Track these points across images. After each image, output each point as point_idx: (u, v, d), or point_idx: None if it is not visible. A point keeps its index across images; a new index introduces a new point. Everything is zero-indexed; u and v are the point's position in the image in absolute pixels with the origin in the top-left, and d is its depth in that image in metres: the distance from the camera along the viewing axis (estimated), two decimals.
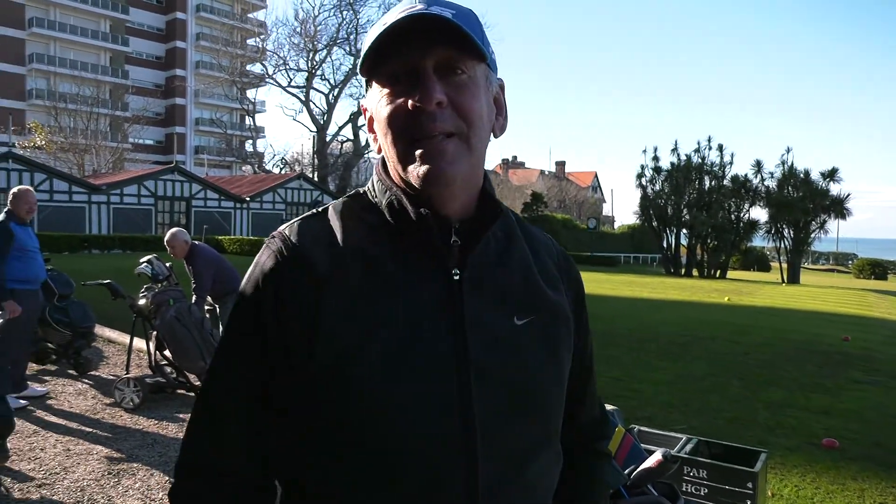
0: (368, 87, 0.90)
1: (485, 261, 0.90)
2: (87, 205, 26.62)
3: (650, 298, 16.25)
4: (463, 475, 0.82)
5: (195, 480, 0.89)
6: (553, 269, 0.99)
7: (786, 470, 4.31)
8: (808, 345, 9.39)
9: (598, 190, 79.28)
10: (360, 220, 0.90)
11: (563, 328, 0.96)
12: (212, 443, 0.89)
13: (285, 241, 0.89)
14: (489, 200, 0.92)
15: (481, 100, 0.87)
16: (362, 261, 0.86)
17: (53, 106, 41.73)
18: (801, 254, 33.53)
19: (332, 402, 0.82)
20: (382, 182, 0.92)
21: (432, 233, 0.86)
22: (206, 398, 0.91)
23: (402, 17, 0.81)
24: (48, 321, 6.12)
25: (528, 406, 0.89)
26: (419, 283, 0.86)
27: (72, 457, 4.25)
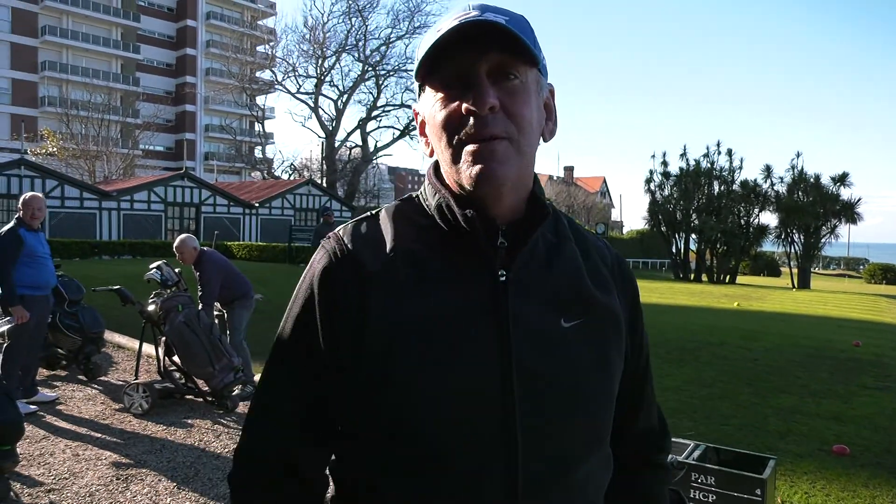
0: (421, 91, 0.92)
1: (532, 262, 0.92)
2: (97, 211, 26.82)
3: (659, 303, 16.17)
4: (503, 472, 0.84)
5: (253, 469, 0.95)
6: (605, 271, 1.00)
7: (796, 477, 4.27)
8: (818, 350, 9.31)
9: (607, 195, 79.09)
10: (411, 223, 0.93)
11: (614, 331, 0.96)
12: (270, 434, 0.94)
13: (339, 241, 0.93)
14: (537, 203, 0.93)
15: (532, 105, 0.89)
16: (411, 261, 0.89)
17: (65, 113, 42.08)
18: (812, 259, 33.24)
19: (377, 399, 0.86)
20: (433, 185, 0.95)
21: (479, 234, 0.88)
22: (265, 389, 0.96)
23: (456, 25, 0.83)
24: (59, 327, 6.17)
25: (574, 408, 0.89)
26: (466, 283, 0.88)
27: (81, 462, 4.28)
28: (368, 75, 38.44)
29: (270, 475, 0.93)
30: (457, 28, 0.83)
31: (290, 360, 0.93)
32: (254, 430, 0.96)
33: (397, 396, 0.84)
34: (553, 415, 0.87)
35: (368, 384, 0.86)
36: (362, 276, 0.88)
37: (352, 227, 0.95)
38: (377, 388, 0.85)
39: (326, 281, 0.90)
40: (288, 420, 0.93)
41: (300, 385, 0.92)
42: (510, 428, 0.84)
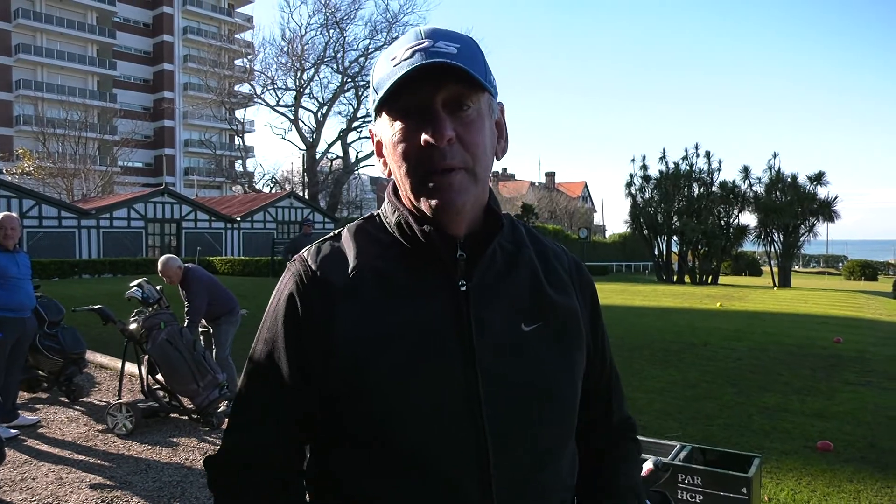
0: (378, 116, 0.95)
1: (491, 271, 0.96)
2: (76, 230, 26.48)
3: (642, 306, 16.28)
4: (476, 479, 0.87)
5: (232, 472, 0.97)
6: (563, 274, 1.04)
7: (781, 474, 4.32)
8: (800, 348, 9.42)
9: (589, 200, 79.55)
10: (373, 240, 0.98)
11: (574, 331, 1.01)
12: (247, 441, 0.97)
13: (304, 263, 0.97)
14: (493, 215, 0.98)
15: (485, 132, 0.93)
16: (374, 276, 0.93)
17: (41, 131, 41.58)
18: (792, 257, 33.65)
19: (348, 411, 0.89)
20: (392, 204, 0.99)
21: (438, 248, 0.92)
22: (242, 401, 0.99)
23: (416, 66, 0.86)
24: (39, 348, 6.08)
25: (541, 410, 0.93)
26: (428, 296, 0.92)
27: (64, 485, 4.21)
28: (348, 86, 38.45)
29: (255, 478, 0.95)
30: (415, 69, 0.86)
31: (264, 376, 0.96)
32: (231, 441, 0.98)
33: (368, 408, 0.87)
34: (520, 418, 0.91)
35: (340, 397, 0.90)
36: (329, 295, 0.92)
37: (315, 248, 0.99)
38: (348, 400, 0.89)
39: (295, 303, 0.94)
40: (267, 427, 0.95)
41: (276, 396, 0.95)
42: (479, 433, 0.87)
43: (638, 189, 34.28)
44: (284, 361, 0.93)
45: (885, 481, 4.22)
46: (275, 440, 0.95)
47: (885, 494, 4.01)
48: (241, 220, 31.32)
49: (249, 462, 0.96)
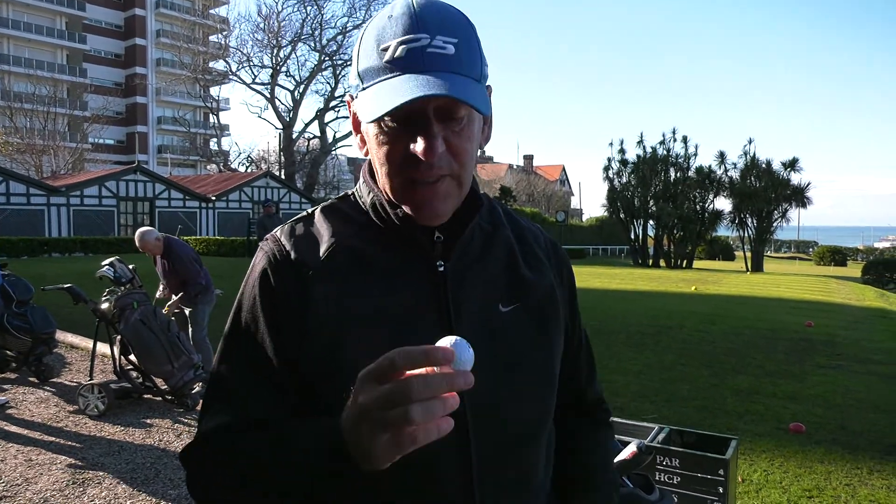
0: (360, 92, 0.88)
1: (468, 252, 0.95)
2: (45, 207, 25.91)
3: (619, 289, 16.44)
4: (456, 459, 0.86)
5: (210, 437, 0.89)
6: (540, 254, 1.03)
7: (755, 455, 4.39)
8: (773, 332, 9.59)
9: (567, 183, 79.91)
10: (348, 220, 0.95)
11: (552, 310, 0.99)
12: (227, 423, 0.89)
13: (277, 242, 0.94)
14: (472, 195, 0.95)
15: (475, 136, 0.89)
16: (351, 257, 0.91)
17: (8, 106, 40.42)
18: (765, 242, 34.21)
19: (327, 391, 0.85)
20: (367, 185, 0.96)
21: (415, 230, 0.90)
22: (217, 385, 0.93)
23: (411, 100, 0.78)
24: (7, 328, 5.93)
25: (521, 390, 0.92)
26: (406, 277, 0.90)
27: (34, 467, 4.12)
28: (325, 65, 37.98)
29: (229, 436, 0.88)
30: (416, 99, 0.78)
31: (240, 357, 0.92)
32: (212, 420, 0.90)
33: (345, 387, 0.80)
34: (500, 399, 0.89)
35: (317, 379, 0.87)
36: (304, 274, 0.89)
37: (288, 227, 0.96)
38: (326, 383, 0.86)
39: (269, 282, 0.90)
40: (247, 408, 0.89)
41: (253, 376, 0.90)
42: (460, 414, 0.83)
43: (615, 173, 34.53)
44: (261, 342, 0.89)
45: (854, 462, 4.31)
46: (255, 421, 0.89)
47: (854, 475, 4.09)
48: (216, 199, 30.91)
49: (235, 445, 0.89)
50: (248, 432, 0.85)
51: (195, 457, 0.90)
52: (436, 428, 0.64)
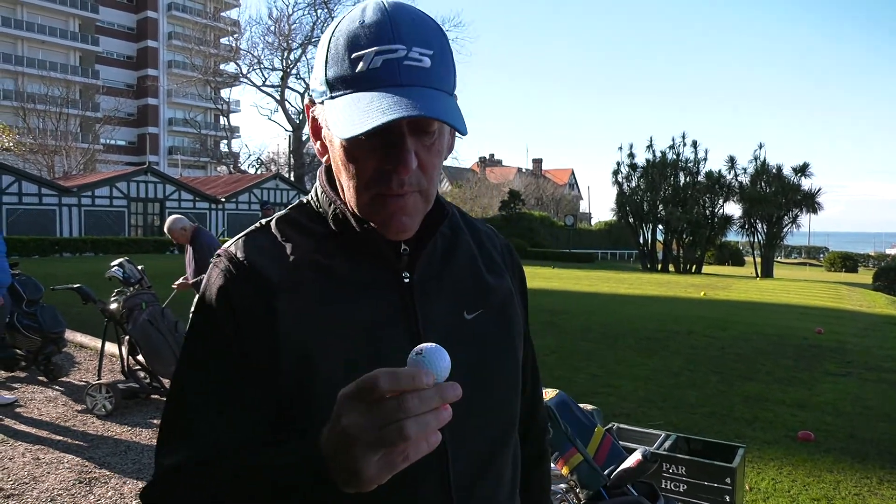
0: (326, 97, 0.83)
1: (433, 261, 0.93)
2: (57, 207, 26.11)
3: (627, 294, 16.37)
4: (436, 472, 0.85)
5: (173, 474, 0.82)
6: (497, 257, 1.02)
7: (763, 463, 4.35)
8: (782, 338, 9.52)
9: (576, 187, 79.71)
10: (308, 232, 0.91)
11: (513, 314, 0.99)
12: (186, 442, 0.83)
13: (231, 258, 0.87)
14: (437, 206, 0.92)
15: (442, 151, 0.87)
16: (315, 270, 0.86)
17: (22, 107, 40.83)
18: (775, 248, 34.04)
19: (297, 405, 0.82)
20: (327, 195, 0.92)
21: (379, 241, 0.87)
22: (174, 412, 0.87)
23: (390, 121, 0.74)
24: (17, 326, 5.97)
25: (490, 397, 0.91)
26: (373, 290, 0.87)
27: (41, 466, 4.15)
28: None
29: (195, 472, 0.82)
30: (395, 120, 0.74)
31: (202, 378, 0.85)
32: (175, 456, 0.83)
33: (318, 402, 0.79)
34: (472, 408, 0.86)
35: (289, 394, 0.82)
36: (265, 288, 0.84)
37: (243, 240, 0.90)
38: (298, 400, 0.82)
39: (228, 299, 0.84)
40: (207, 427, 0.83)
41: (216, 402, 0.83)
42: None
43: (624, 177, 34.45)
44: (224, 365, 0.83)
45: (864, 472, 4.26)
46: (219, 454, 0.80)
47: (864, 485, 4.05)
48: (225, 200, 31.06)
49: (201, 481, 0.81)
50: (215, 465, 0.78)
51: (160, 498, 0.83)
52: (426, 443, 0.62)
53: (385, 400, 0.62)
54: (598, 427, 2.09)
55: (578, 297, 15.14)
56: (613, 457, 2.02)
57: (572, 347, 8.31)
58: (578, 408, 2.11)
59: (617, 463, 1.97)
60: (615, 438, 2.12)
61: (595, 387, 6.23)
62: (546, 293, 15.68)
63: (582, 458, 1.89)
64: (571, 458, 1.90)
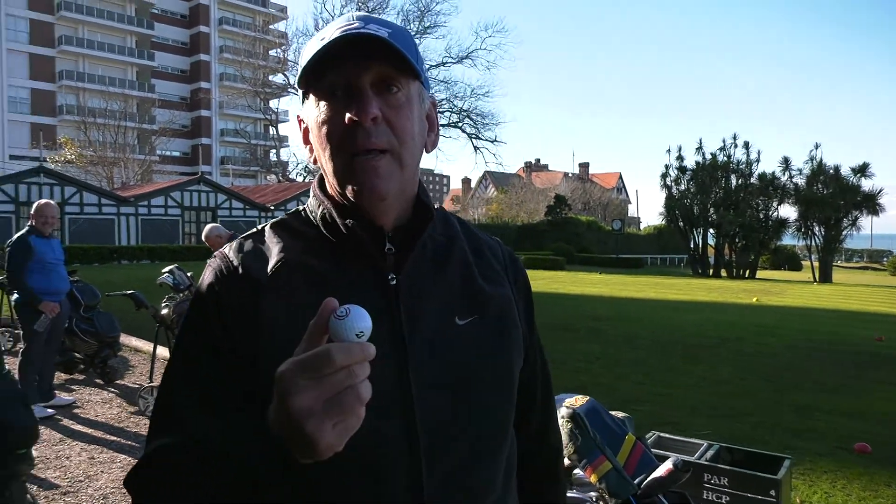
0: (305, 98, 0.92)
1: (421, 264, 0.93)
2: (116, 216, 27.13)
3: (676, 300, 16.03)
4: (407, 477, 0.83)
5: (155, 460, 0.84)
6: (497, 266, 1.02)
7: (815, 476, 4.19)
8: (838, 345, 9.17)
9: (623, 191, 78.62)
10: (298, 235, 0.94)
11: (510, 324, 0.97)
12: (172, 429, 0.85)
13: (224, 258, 0.92)
14: (423, 206, 0.95)
15: (413, 118, 0.90)
16: (301, 272, 0.88)
17: (83, 121, 42.68)
18: (833, 251, 32.80)
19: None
20: (316, 197, 0.95)
21: (365, 241, 0.89)
22: (162, 401, 0.89)
23: (339, 36, 0.84)
24: (75, 331, 6.24)
25: (475, 405, 0.90)
26: (357, 291, 0.87)
27: (96, 465, 4.31)
28: None
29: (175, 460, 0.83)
30: (341, 38, 0.83)
31: (188, 370, 0.88)
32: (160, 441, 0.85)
33: None
34: (455, 416, 0.87)
35: (267, 393, 0.80)
36: (252, 288, 0.87)
37: (237, 243, 0.94)
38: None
39: (217, 297, 0.88)
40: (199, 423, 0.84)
41: (199, 394, 0.86)
42: (412, 431, 0.83)
43: (673, 180, 33.79)
44: (209, 359, 0.86)
45: None
46: (198, 442, 0.82)
47: None
48: (274, 208, 31.71)
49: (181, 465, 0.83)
50: (193, 452, 0.80)
51: (139, 480, 0.85)
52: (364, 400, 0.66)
53: (341, 370, 0.64)
54: (630, 435, 2.06)
55: (625, 303, 14.90)
56: (644, 465, 1.99)
57: (617, 355, 8.18)
58: (609, 415, 2.09)
59: (647, 472, 1.93)
60: (647, 447, 2.08)
61: (640, 394, 6.12)
62: (592, 299, 15.49)
63: (611, 466, 1.86)
64: (600, 465, 1.87)
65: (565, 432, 1.95)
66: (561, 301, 14.42)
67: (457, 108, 35.53)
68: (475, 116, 35.80)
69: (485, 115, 35.49)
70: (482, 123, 35.58)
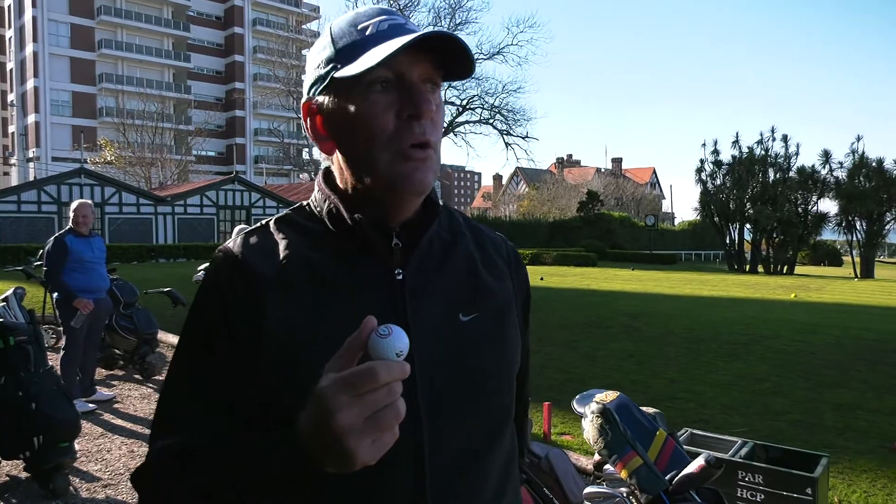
0: (325, 87, 0.89)
1: (427, 260, 0.93)
2: (153, 216, 27.75)
3: (711, 296, 15.75)
4: (411, 468, 0.85)
5: (161, 458, 0.86)
6: (501, 263, 1.03)
7: (854, 475, 4.09)
8: (880, 343, 8.90)
9: (657, 186, 77.55)
10: (303, 230, 0.93)
11: (510, 321, 0.98)
12: (176, 428, 0.87)
13: (228, 253, 0.92)
14: (429, 202, 0.95)
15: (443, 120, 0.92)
16: (306, 267, 0.89)
17: (122, 122, 43.74)
18: (876, 247, 31.85)
19: (281, 401, 0.83)
20: (322, 192, 0.95)
21: (372, 236, 0.89)
22: (166, 400, 0.91)
23: (424, 34, 0.81)
24: (115, 328, 6.41)
25: (478, 401, 0.91)
26: (363, 286, 0.88)
27: (136, 458, 4.43)
28: None
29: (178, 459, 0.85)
30: (427, 35, 0.81)
31: (194, 372, 0.89)
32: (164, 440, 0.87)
33: (302, 394, 0.79)
34: (457, 409, 0.88)
35: (271, 387, 0.84)
36: (257, 283, 0.87)
37: (241, 238, 0.94)
38: (281, 389, 0.84)
39: (220, 293, 0.88)
40: (194, 416, 0.87)
41: (210, 390, 0.87)
42: (416, 427, 0.84)
43: (709, 175, 33.17)
44: (213, 356, 0.87)
45: None
46: (201, 442, 0.84)
47: None
48: None
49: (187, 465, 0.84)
50: (200, 450, 0.82)
51: (147, 479, 0.86)
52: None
53: (382, 388, 0.66)
54: (661, 430, 2.04)
55: (658, 299, 14.69)
56: (675, 461, 1.96)
57: (651, 351, 8.09)
58: (640, 411, 2.07)
59: (679, 468, 1.91)
60: (678, 443, 2.06)
61: (674, 392, 6.04)
62: (625, 296, 15.31)
63: (641, 462, 1.84)
64: (631, 461, 1.85)
65: (595, 427, 1.94)
66: (593, 298, 14.29)
67: (488, 105, 35.37)
68: (506, 112, 35.61)
69: (516, 111, 35.22)
70: (513, 120, 35.35)
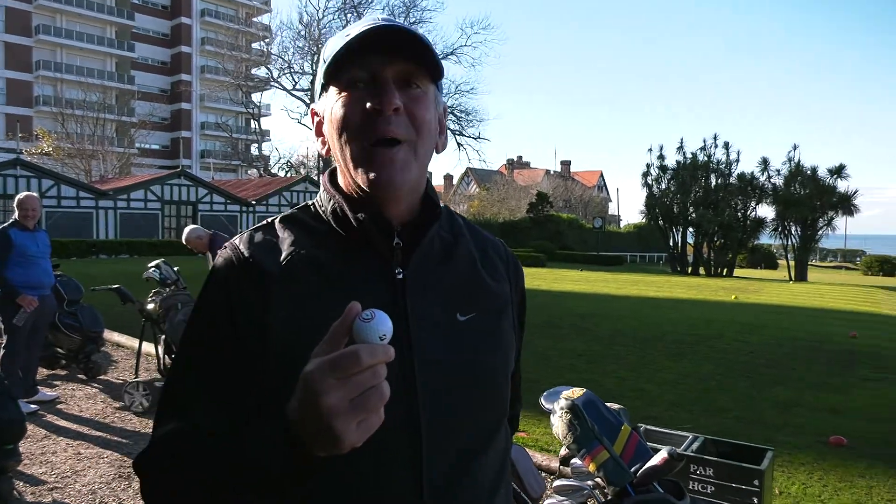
0: (323, 92, 0.94)
1: (428, 260, 0.95)
2: (94, 210, 26.77)
3: (656, 297, 16.22)
4: (409, 468, 0.86)
5: (163, 446, 0.88)
6: (500, 264, 1.05)
7: (793, 468, 4.31)
8: (815, 343, 9.36)
9: (604, 189, 79.05)
10: (308, 229, 0.96)
11: (507, 322, 1.01)
12: (178, 416, 0.88)
13: (235, 249, 0.94)
14: (430, 203, 0.97)
15: (431, 111, 0.93)
16: (310, 265, 0.91)
17: (60, 112, 41.98)
18: (809, 251, 33.33)
19: (282, 394, 0.82)
20: (327, 191, 0.98)
21: (374, 235, 0.91)
22: (172, 391, 0.92)
23: (367, 29, 0.86)
24: (58, 326, 6.18)
25: (475, 400, 0.93)
26: (365, 284, 0.90)
27: (82, 460, 4.29)
28: None
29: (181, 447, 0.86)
30: (371, 30, 0.86)
31: (199, 363, 0.90)
32: (168, 426, 0.89)
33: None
34: (455, 408, 0.90)
35: (274, 384, 0.85)
36: (262, 280, 0.89)
37: (247, 235, 0.96)
38: (282, 388, 0.82)
39: (227, 288, 0.90)
40: (198, 410, 0.87)
41: (213, 381, 0.89)
42: (414, 424, 0.86)
43: (654, 179, 34.06)
44: (217, 348, 0.88)
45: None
46: (204, 430, 0.85)
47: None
48: (256, 203, 31.51)
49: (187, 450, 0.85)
50: (201, 440, 0.83)
51: (148, 465, 0.88)
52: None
53: (366, 371, 0.68)
54: (625, 426, 2.12)
55: (607, 299, 15.04)
56: (640, 455, 2.05)
57: (601, 351, 8.29)
58: (606, 406, 2.15)
59: (643, 461, 1.99)
60: (642, 438, 2.14)
61: (622, 390, 6.21)
62: (574, 296, 15.62)
63: (608, 456, 1.92)
64: (598, 455, 1.93)
65: (564, 423, 2.01)
66: (544, 298, 14.53)
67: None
68: (459, 113, 35.83)
69: (469, 111, 35.52)
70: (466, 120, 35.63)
